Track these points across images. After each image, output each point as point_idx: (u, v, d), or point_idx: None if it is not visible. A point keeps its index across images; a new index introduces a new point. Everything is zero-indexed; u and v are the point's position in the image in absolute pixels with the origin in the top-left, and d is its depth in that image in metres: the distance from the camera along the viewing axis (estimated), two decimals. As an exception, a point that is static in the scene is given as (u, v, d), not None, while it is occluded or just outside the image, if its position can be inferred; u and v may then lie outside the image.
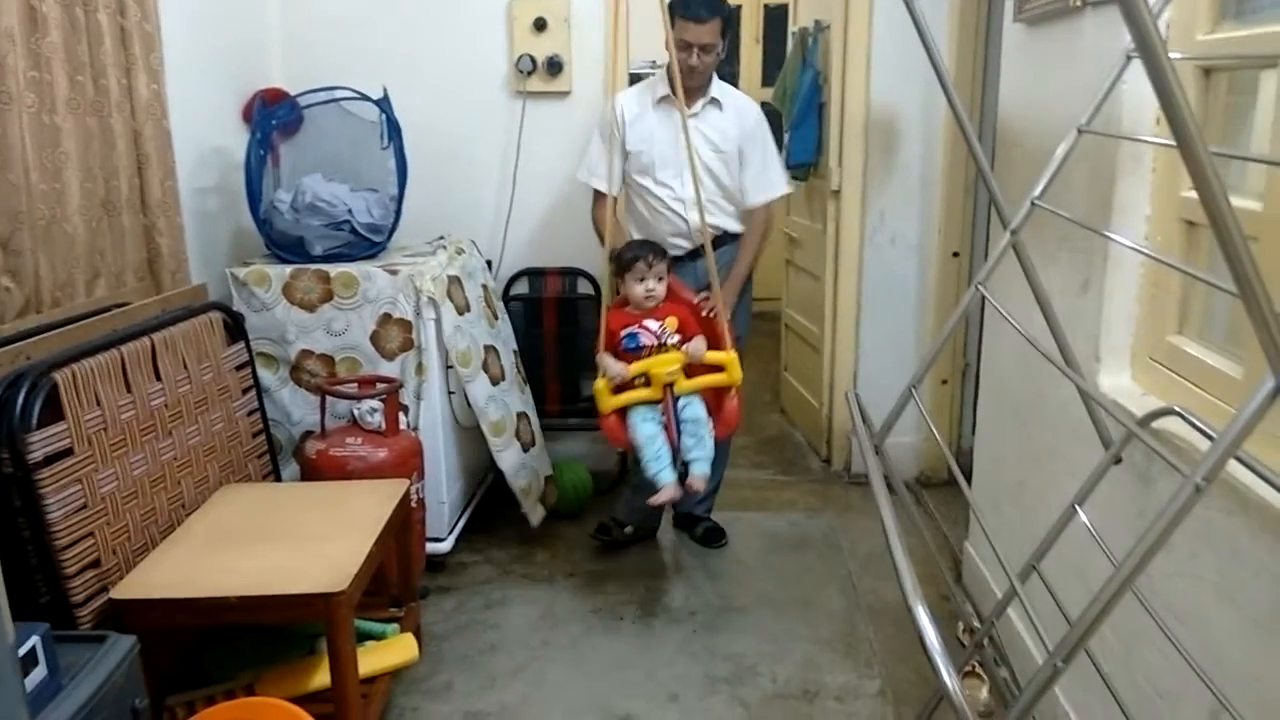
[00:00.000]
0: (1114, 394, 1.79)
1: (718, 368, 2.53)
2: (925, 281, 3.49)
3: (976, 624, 2.40)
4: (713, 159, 2.84)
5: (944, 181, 3.37)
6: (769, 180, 2.94)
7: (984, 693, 2.22)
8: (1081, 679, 1.77)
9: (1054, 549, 1.70)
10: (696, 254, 2.88)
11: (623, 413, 2.55)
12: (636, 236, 2.93)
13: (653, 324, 2.54)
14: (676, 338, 2.53)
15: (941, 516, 3.19)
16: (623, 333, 2.53)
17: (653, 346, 2.51)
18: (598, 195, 2.92)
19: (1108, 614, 0.90)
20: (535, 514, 3.06)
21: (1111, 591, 0.89)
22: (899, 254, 3.49)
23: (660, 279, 2.57)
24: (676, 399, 2.50)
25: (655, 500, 2.49)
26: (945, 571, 2.61)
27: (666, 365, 2.47)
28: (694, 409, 2.51)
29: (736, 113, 2.89)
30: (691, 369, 2.50)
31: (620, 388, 2.51)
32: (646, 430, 2.50)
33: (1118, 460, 1.64)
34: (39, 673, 1.44)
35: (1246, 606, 1.37)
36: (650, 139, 2.84)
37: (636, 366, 2.48)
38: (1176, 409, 1.50)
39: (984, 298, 1.70)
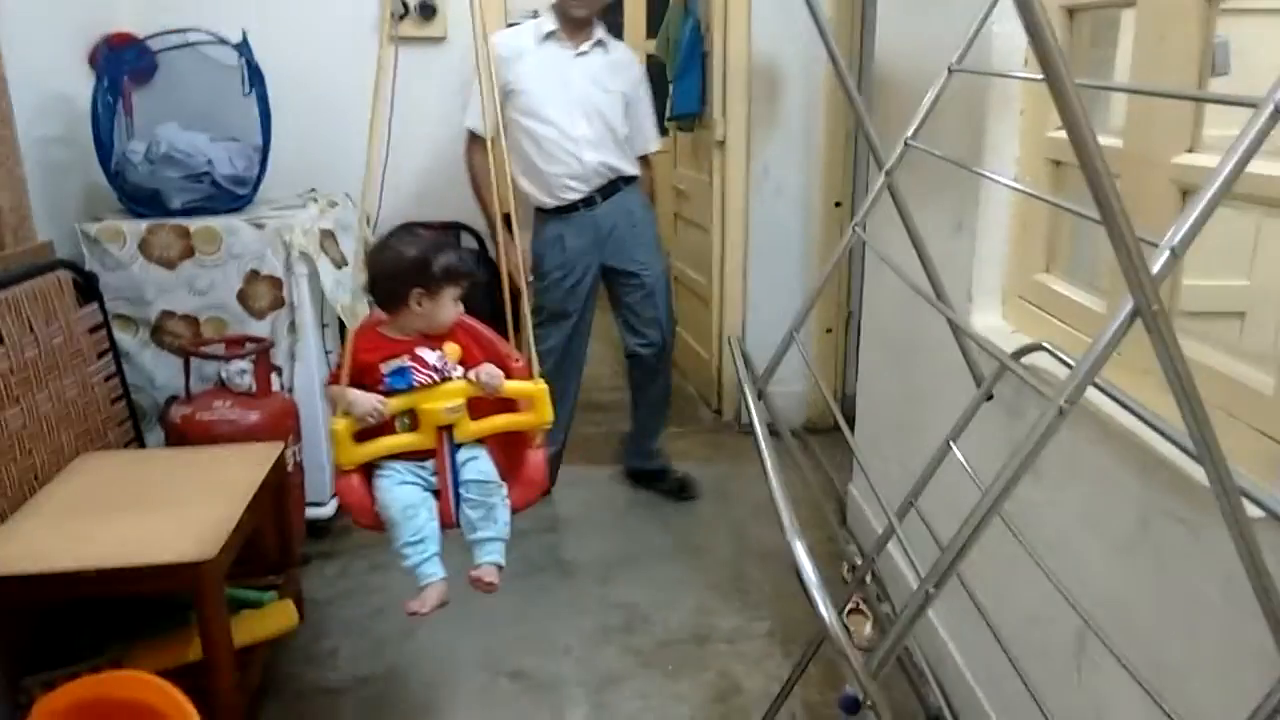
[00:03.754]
0: (986, 332, 1.83)
1: (514, 406, 1.83)
2: (810, 232, 3.52)
3: (860, 562, 2.45)
4: (601, 98, 2.79)
5: (825, 131, 3.40)
6: (653, 132, 2.99)
7: (867, 628, 2.28)
8: (959, 610, 1.82)
9: (932, 487, 1.73)
10: (592, 201, 2.83)
11: (369, 472, 1.78)
12: (524, 183, 2.84)
13: (429, 353, 1.79)
14: (459, 370, 1.80)
15: (827, 462, 3.25)
16: (384, 367, 1.77)
17: (431, 385, 1.77)
18: (473, 139, 2.83)
19: (976, 538, 0.91)
20: None
21: (980, 515, 0.90)
22: (784, 204, 3.51)
23: (459, 297, 1.84)
24: (455, 450, 1.79)
25: (414, 608, 1.69)
26: (830, 514, 2.66)
27: (445, 399, 1.74)
28: (479, 466, 1.79)
29: (622, 62, 2.87)
30: (477, 407, 1.80)
31: (370, 432, 1.76)
32: (405, 496, 1.73)
33: (989, 397, 1.68)
34: None
35: (1109, 532, 1.42)
36: (533, 76, 2.76)
37: (399, 402, 1.74)
38: (1044, 344, 1.54)
39: (864, 242, 1.71)
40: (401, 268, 1.76)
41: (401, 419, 1.77)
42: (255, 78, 2.69)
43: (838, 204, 3.46)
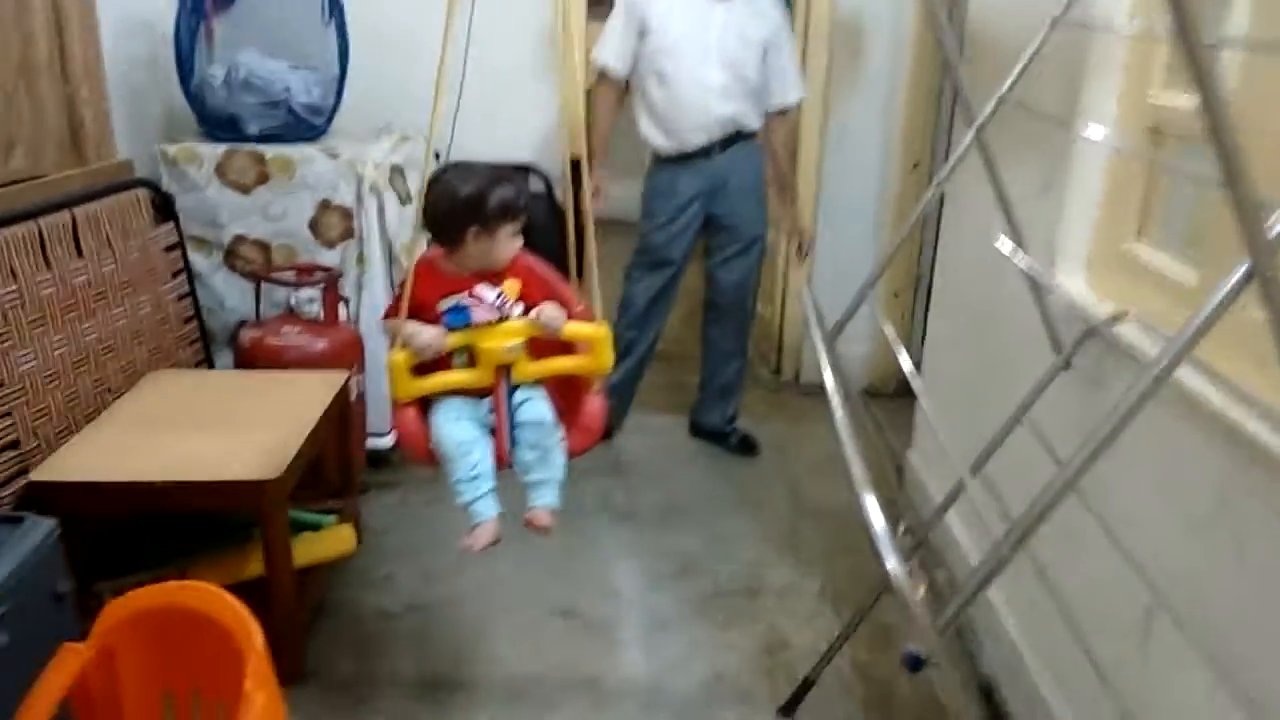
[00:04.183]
0: (1068, 299, 1.77)
1: (573, 349, 1.78)
2: (885, 193, 3.44)
3: (915, 525, 2.42)
4: (738, 48, 2.72)
5: (908, 90, 3.30)
6: (795, 80, 2.88)
7: (920, 593, 2.25)
8: (1017, 577, 1.79)
9: (998, 456, 1.70)
10: (710, 151, 2.80)
11: (426, 407, 1.75)
12: (645, 126, 2.82)
13: (487, 291, 1.72)
14: (520, 309, 1.74)
15: (887, 427, 3.21)
16: (442, 304, 1.72)
17: (490, 324, 1.71)
18: (601, 78, 2.79)
19: (1061, 499, 0.88)
20: None
21: (1069, 475, 0.87)
22: (860, 163, 3.42)
23: (518, 233, 1.76)
24: (512, 390, 1.74)
25: (467, 544, 1.69)
26: (891, 477, 2.63)
27: (505, 338, 1.69)
28: (536, 408, 1.73)
29: (764, 9, 2.78)
30: (537, 349, 1.75)
31: (428, 368, 1.73)
32: (460, 433, 1.69)
33: (1067, 365, 1.63)
34: (-55, 551, 1.38)
35: (1186, 509, 1.38)
36: (671, 19, 2.70)
37: (457, 338, 1.70)
38: (1132, 314, 1.49)
39: (941, 200, 1.67)
40: (456, 205, 1.70)
41: (459, 356, 1.72)
42: (335, 7, 2.69)
43: (916, 165, 3.37)
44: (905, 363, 1.71)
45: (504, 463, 1.72)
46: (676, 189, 2.84)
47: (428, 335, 1.67)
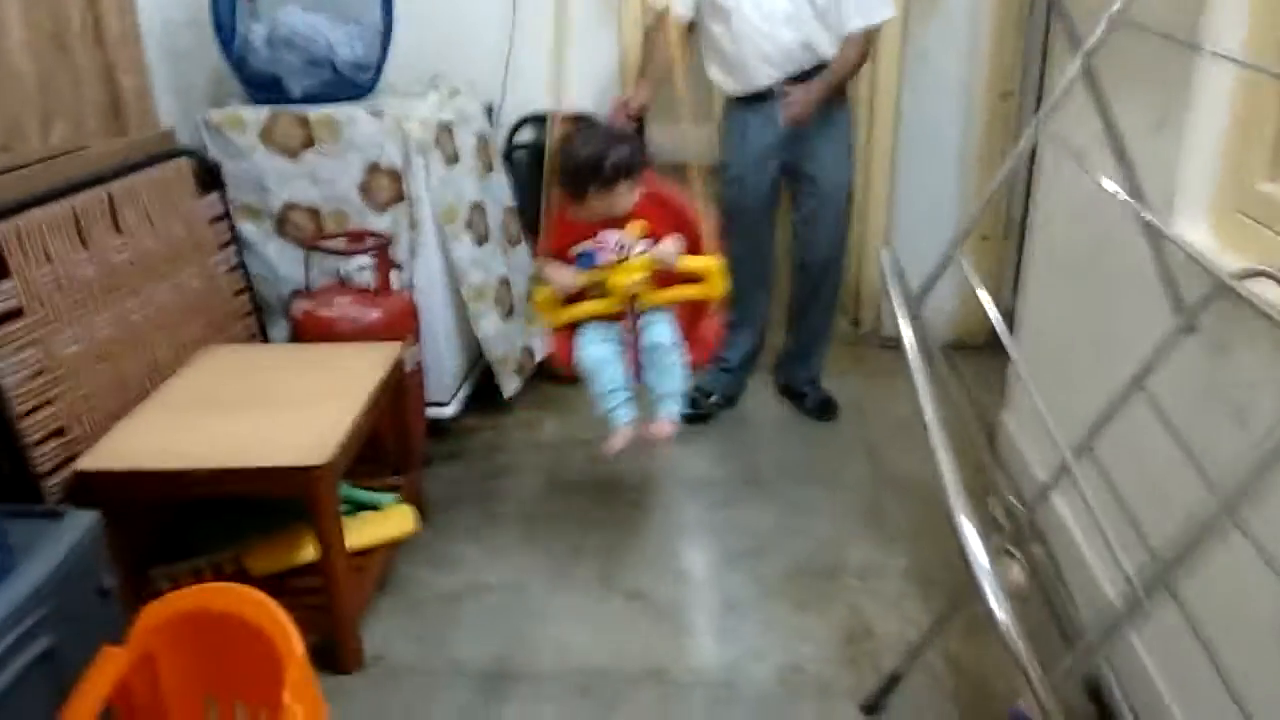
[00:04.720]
0: (1190, 251, 1.56)
1: (694, 278, 2.07)
2: (971, 127, 3.18)
3: (1012, 500, 2.24)
4: None
5: (996, 9, 3.02)
6: (874, 1, 2.52)
7: (1016, 571, 2.08)
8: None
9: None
10: (783, 90, 2.54)
11: (573, 331, 2.12)
12: (711, 67, 2.62)
13: (612, 235, 2.03)
14: (642, 245, 2.03)
15: (976, 384, 2.99)
16: (574, 251, 2.04)
17: (614, 264, 2.02)
18: (660, 19, 2.53)
19: (1203, 542, 0.71)
20: (510, 384, 2.81)
21: (1217, 517, 0.70)
22: (942, 95, 3.17)
23: (635, 185, 2.04)
24: (640, 316, 2.06)
25: (607, 449, 2.04)
26: (983, 446, 2.44)
27: (629, 274, 1.99)
28: (658, 331, 2.05)
29: None
30: (661, 279, 2.05)
31: (574, 298, 2.07)
32: (598, 353, 2.05)
33: (1190, 329, 1.43)
34: (-18, 551, 1.32)
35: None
36: None
37: (586, 277, 2.03)
38: (1273, 270, 1.28)
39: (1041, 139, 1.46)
40: (578, 166, 1.98)
41: (594, 289, 2.03)
42: (378, -45, 2.54)
43: (1006, 94, 3.10)
44: (998, 323, 1.52)
45: (637, 377, 2.07)
46: (746, 137, 2.62)
47: (563, 277, 2.04)
